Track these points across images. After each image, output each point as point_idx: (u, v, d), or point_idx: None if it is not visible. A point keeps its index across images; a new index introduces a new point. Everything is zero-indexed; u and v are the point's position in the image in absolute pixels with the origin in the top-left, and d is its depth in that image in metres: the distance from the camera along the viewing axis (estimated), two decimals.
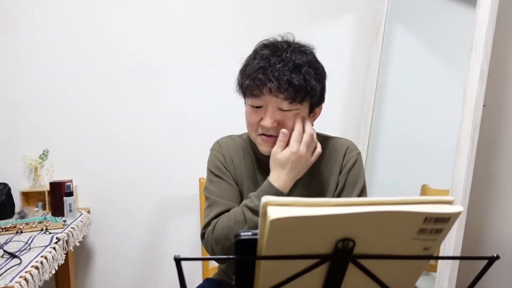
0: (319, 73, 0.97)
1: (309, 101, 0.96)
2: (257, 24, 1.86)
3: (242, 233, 0.51)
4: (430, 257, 0.54)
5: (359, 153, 1.07)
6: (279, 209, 0.45)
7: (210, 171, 1.07)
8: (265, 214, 0.45)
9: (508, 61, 1.73)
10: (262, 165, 1.06)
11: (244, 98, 1.02)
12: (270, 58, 0.93)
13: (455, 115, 1.47)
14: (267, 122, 0.95)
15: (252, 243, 0.51)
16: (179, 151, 1.88)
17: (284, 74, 0.90)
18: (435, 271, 1.51)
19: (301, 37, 1.02)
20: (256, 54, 0.97)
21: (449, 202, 0.49)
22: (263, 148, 1.00)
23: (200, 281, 1.26)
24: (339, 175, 1.05)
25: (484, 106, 1.40)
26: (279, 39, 1.00)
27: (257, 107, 0.96)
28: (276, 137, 0.96)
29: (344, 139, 1.09)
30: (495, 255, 0.53)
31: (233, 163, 1.07)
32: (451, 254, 1.37)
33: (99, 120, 1.84)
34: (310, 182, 1.04)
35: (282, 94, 0.91)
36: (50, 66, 1.80)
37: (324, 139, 1.08)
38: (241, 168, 1.07)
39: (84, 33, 1.80)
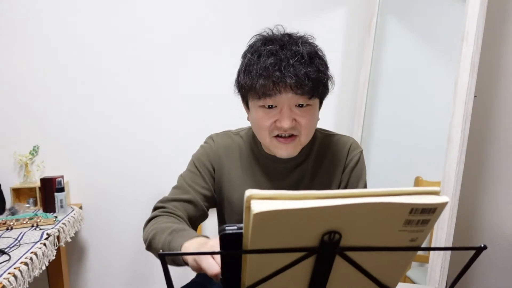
0: (326, 63, 0.93)
1: (322, 93, 0.93)
2: (247, 17, 1.85)
3: (227, 228, 0.51)
4: (417, 248, 0.54)
5: (362, 151, 1.05)
6: (262, 202, 0.44)
7: (193, 162, 1.05)
8: (249, 207, 0.45)
9: (499, 51, 1.73)
10: (264, 166, 1.02)
11: (248, 100, 0.94)
12: (279, 52, 0.86)
13: (447, 106, 1.47)
14: (286, 123, 0.88)
15: (237, 237, 0.50)
16: (173, 147, 1.87)
17: (300, 68, 0.84)
18: (428, 262, 1.52)
19: (293, 29, 0.98)
20: (259, 50, 0.88)
21: (436, 193, 0.49)
22: (281, 152, 0.93)
23: (193, 276, 1.26)
24: (342, 173, 1.03)
25: (475, 97, 1.40)
26: (271, 33, 0.94)
27: (270, 107, 0.89)
28: (295, 135, 0.91)
29: (346, 137, 1.07)
30: (482, 245, 0.52)
31: (222, 162, 1.03)
32: (442, 245, 1.38)
33: (90, 115, 1.83)
34: (313, 180, 1.02)
35: (300, 89, 0.85)
36: (41, 62, 1.78)
37: (325, 136, 1.06)
38: (236, 168, 1.03)
39: (76, 30, 1.78)
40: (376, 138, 1.92)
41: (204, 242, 0.75)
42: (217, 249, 0.54)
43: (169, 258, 0.83)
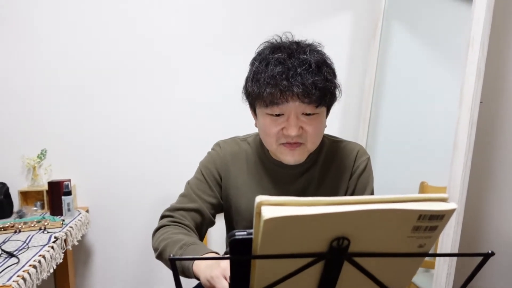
0: (334, 71, 0.94)
1: (330, 102, 0.94)
2: (254, 23, 1.86)
3: (237, 233, 0.51)
4: (425, 255, 0.54)
5: (369, 158, 1.05)
6: (273, 208, 0.45)
7: (200, 170, 1.07)
8: (259, 213, 0.45)
9: (505, 57, 1.73)
10: (271, 172, 1.02)
11: (255, 107, 0.95)
12: (286, 61, 0.86)
13: (453, 112, 1.47)
14: (293, 131, 0.88)
15: (247, 243, 0.51)
16: (179, 151, 1.88)
17: (307, 77, 0.85)
18: (434, 268, 1.52)
19: (298, 35, 0.99)
20: (267, 58, 0.89)
21: (444, 200, 0.49)
22: (288, 158, 0.94)
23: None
24: (349, 180, 1.03)
25: (481, 102, 1.40)
26: (279, 40, 0.95)
27: (277, 115, 0.89)
28: (301, 143, 0.92)
29: (354, 143, 1.07)
30: (490, 252, 0.53)
31: (229, 169, 1.04)
32: (448, 251, 1.38)
33: (98, 119, 1.84)
34: (320, 187, 1.03)
35: (307, 98, 0.86)
36: (48, 66, 1.80)
37: (333, 143, 1.06)
38: (242, 175, 1.04)
39: (84, 32, 1.80)
40: (381, 143, 1.92)
41: (216, 263, 0.76)
42: (229, 271, 0.55)
43: (179, 269, 0.84)
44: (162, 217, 1.01)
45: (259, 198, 0.45)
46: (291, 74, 0.85)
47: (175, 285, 0.53)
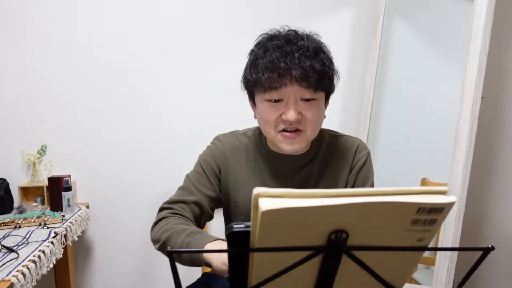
0: (331, 59, 0.94)
1: (328, 88, 0.94)
2: (254, 18, 1.85)
3: (234, 226, 0.51)
4: (424, 248, 0.54)
5: (369, 152, 1.05)
6: (271, 200, 0.45)
7: (199, 163, 1.06)
8: (256, 205, 0.45)
9: (506, 52, 1.72)
10: (270, 166, 1.02)
11: (254, 95, 0.95)
12: (285, 46, 0.87)
13: (454, 107, 1.46)
14: (291, 115, 0.88)
15: (244, 236, 0.50)
16: (179, 146, 1.88)
17: (305, 61, 0.86)
18: (434, 264, 1.51)
19: (299, 29, 0.98)
20: (266, 45, 0.90)
21: (443, 193, 0.49)
22: (287, 147, 0.93)
23: (199, 275, 1.26)
24: (349, 175, 1.03)
25: (482, 98, 1.39)
26: (277, 32, 0.95)
27: (276, 101, 0.90)
28: (301, 130, 0.92)
29: (354, 138, 1.06)
30: (490, 246, 0.52)
31: (228, 163, 1.04)
32: (449, 246, 1.37)
33: (98, 115, 1.84)
34: (319, 181, 1.02)
35: (305, 82, 0.86)
36: (48, 62, 1.79)
37: (333, 137, 1.06)
38: (242, 169, 1.03)
39: (82, 29, 1.80)
40: (382, 139, 1.92)
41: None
42: None
43: (187, 258, 0.84)
44: (161, 209, 1.00)
45: (257, 190, 0.45)
46: (289, 58, 0.86)
47: (173, 278, 0.53)
